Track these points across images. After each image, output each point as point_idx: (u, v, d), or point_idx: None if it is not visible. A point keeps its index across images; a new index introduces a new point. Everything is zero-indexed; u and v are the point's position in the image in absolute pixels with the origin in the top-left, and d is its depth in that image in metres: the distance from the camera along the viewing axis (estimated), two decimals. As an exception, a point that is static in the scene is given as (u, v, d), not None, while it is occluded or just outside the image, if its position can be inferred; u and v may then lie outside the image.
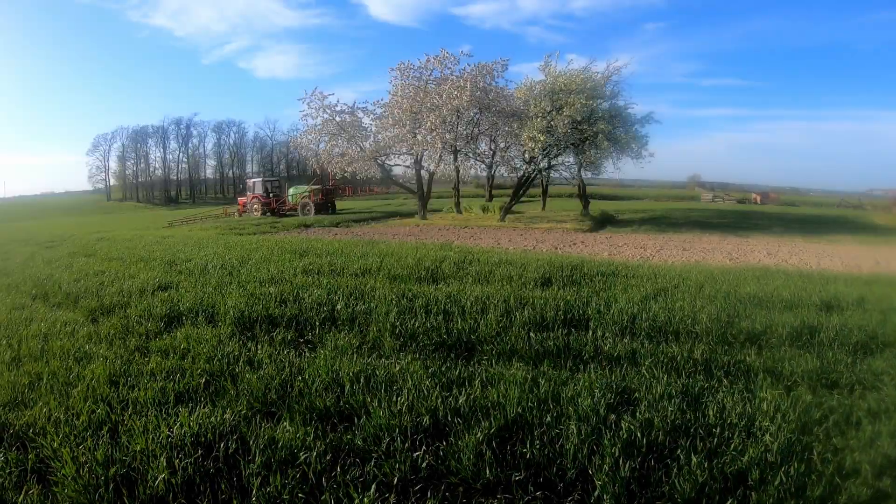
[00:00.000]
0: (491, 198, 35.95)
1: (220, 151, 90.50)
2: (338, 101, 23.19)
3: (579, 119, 19.34)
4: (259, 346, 4.36)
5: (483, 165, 26.12)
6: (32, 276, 8.29)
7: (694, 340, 4.50)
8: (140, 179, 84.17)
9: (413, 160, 23.24)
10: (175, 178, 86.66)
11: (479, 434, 2.83)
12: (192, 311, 5.49)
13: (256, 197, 30.13)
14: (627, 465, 2.54)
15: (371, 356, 4.14)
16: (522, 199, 40.20)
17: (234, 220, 27.56)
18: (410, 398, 3.25)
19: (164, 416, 3.05)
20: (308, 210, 28.34)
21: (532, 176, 22.52)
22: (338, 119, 23.09)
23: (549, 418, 3.00)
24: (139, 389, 3.43)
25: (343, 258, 8.49)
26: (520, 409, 3.09)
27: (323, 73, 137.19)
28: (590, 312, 5.25)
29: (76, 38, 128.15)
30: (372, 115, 23.49)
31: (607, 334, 4.58)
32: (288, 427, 2.94)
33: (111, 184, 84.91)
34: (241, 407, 3.23)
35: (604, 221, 23.27)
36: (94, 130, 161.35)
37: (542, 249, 13.27)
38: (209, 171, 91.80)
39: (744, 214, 29.83)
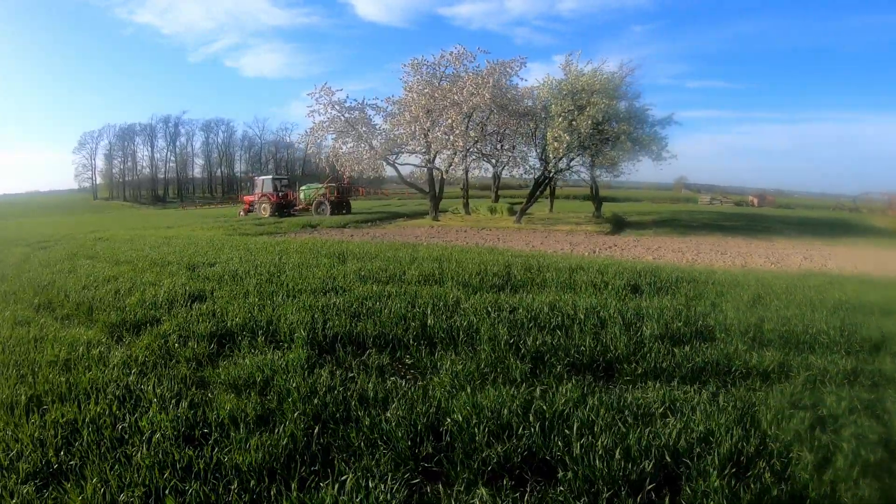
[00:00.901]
0: (497, 198, 35.15)
1: (208, 150, 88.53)
2: (347, 97, 22.08)
3: (601, 119, 18.59)
4: (360, 376, 3.37)
5: (489, 166, 25.17)
6: (32, 282, 7.13)
7: (827, 350, 4.13)
8: (127, 178, 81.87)
9: (425, 159, 22.20)
10: (163, 177, 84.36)
11: (714, 475, 2.30)
12: (245, 329, 4.46)
13: (265, 195, 27.93)
14: (873, 486, 2.29)
15: (512, 385, 3.22)
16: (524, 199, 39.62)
17: (234, 220, 26.09)
18: (608, 438, 2.58)
19: (299, 493, 2.04)
20: (323, 209, 26.61)
21: (550, 177, 21.66)
22: (346, 116, 21.97)
23: (773, 446, 2.58)
24: (234, 450, 2.41)
25: (394, 263, 7.47)
26: (734, 439, 2.63)
27: (310, 73, 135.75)
28: (712, 322, 4.72)
29: (61, 33, 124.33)
30: (383, 113, 22.42)
31: (740, 346, 4.08)
32: (484, 495, 2.02)
33: (97, 182, 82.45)
34: (389, 467, 2.26)
35: (620, 223, 22.60)
36: (80, 128, 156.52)
37: (581, 253, 12.41)
38: (197, 171, 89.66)
39: (749, 217, 29.58)
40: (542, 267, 7.36)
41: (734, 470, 2.39)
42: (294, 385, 3.15)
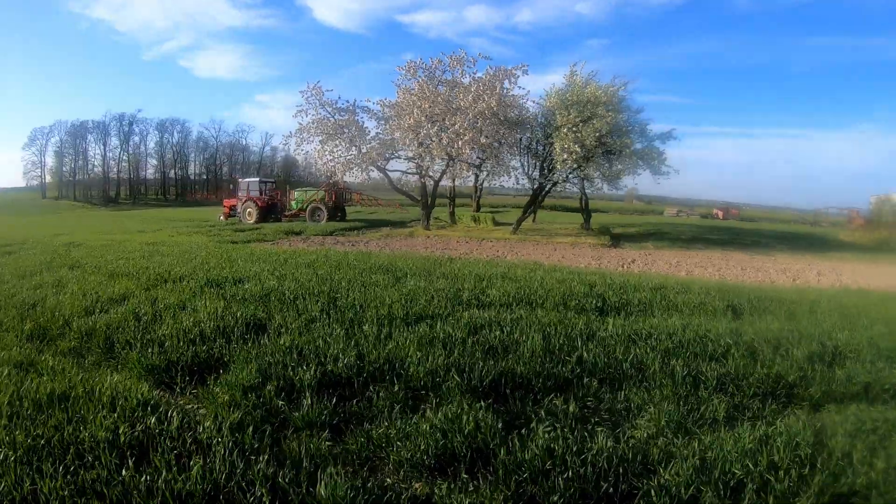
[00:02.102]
0: (479, 208, 34.60)
1: (162, 150, 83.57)
2: (339, 98, 20.81)
3: (605, 132, 18.34)
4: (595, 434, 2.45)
5: (469, 174, 24.29)
6: (13, 300, 5.65)
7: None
8: (78, 177, 75.81)
9: (419, 166, 21.14)
10: (115, 176, 78.65)
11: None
12: (362, 374, 3.40)
13: (251, 199, 25.29)
14: None
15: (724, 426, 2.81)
16: (502, 209, 39.21)
17: (209, 224, 23.89)
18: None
19: None
20: (319, 216, 24.62)
21: (549, 188, 21.24)
22: (336, 117, 20.65)
23: None
24: None
25: (464, 281, 6.47)
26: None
27: (265, 76, 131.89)
28: (838, 343, 4.50)
29: (11, 24, 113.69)
30: (377, 116, 21.27)
31: (883, 367, 3.92)
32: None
33: (47, 181, 76.14)
34: None
35: (616, 236, 22.50)
36: (29, 124, 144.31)
37: (608, 267, 11.87)
38: (150, 171, 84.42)
39: (728, 230, 30.33)
40: (625, 286, 6.62)
41: None
42: (528, 456, 2.18)
